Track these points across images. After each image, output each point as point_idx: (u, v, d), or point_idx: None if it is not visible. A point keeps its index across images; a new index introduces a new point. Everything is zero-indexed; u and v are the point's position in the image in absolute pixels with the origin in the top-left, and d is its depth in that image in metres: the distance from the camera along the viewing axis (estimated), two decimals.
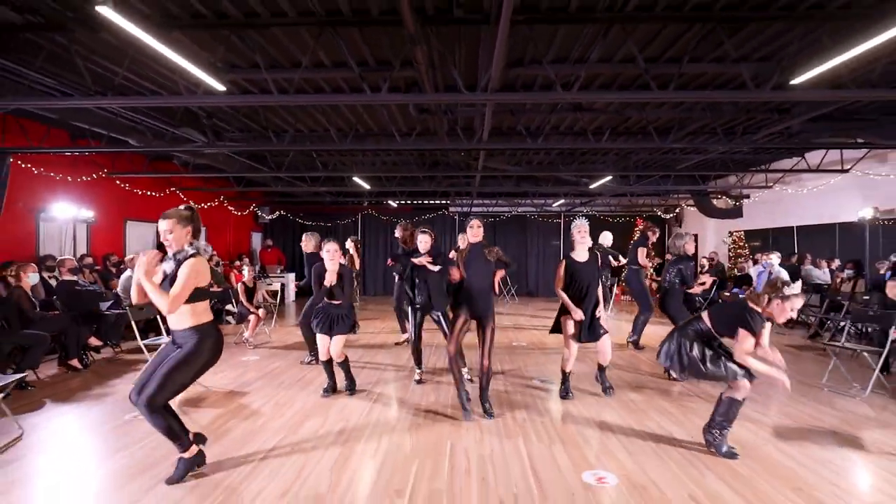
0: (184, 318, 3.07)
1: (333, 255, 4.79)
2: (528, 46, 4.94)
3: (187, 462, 3.16)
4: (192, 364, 3.06)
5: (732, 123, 7.25)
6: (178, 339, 3.12)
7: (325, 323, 4.87)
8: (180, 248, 3.08)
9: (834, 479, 3.25)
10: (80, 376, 5.85)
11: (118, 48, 4.58)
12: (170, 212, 3.13)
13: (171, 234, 3.06)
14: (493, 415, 4.30)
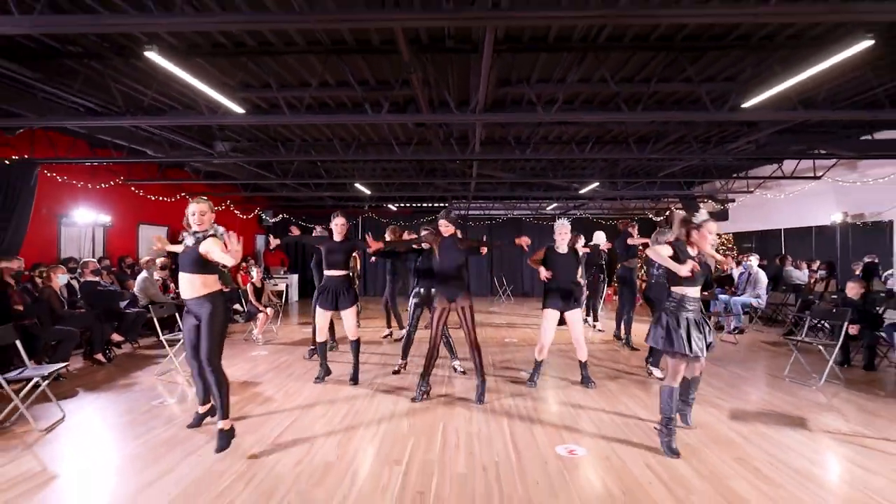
0: (197, 287, 3.68)
1: (341, 228, 5.28)
2: (513, 69, 5.46)
3: (228, 433, 3.75)
4: (217, 323, 3.69)
5: (706, 135, 7.78)
6: (194, 308, 3.71)
7: (328, 298, 5.29)
8: (204, 229, 3.71)
9: (772, 451, 3.77)
10: (104, 369, 6.38)
11: (147, 73, 5.11)
12: (202, 198, 3.85)
13: (204, 216, 3.73)
14: (481, 400, 4.80)
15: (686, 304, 3.70)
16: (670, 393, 3.72)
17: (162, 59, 3.67)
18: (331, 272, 5.35)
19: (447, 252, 4.82)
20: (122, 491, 3.14)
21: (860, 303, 6.40)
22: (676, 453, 3.63)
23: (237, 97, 5.43)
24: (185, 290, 3.71)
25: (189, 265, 3.68)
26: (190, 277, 3.69)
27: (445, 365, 6.29)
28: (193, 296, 3.69)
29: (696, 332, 3.64)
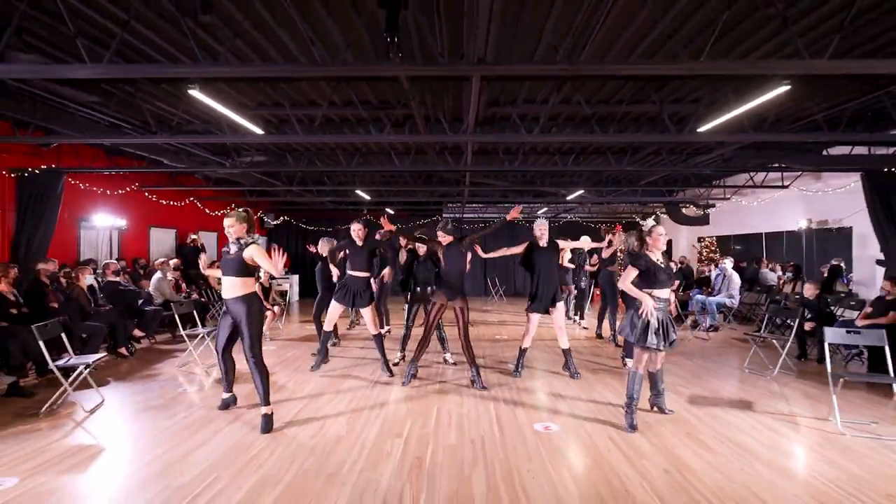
0: (237, 289, 4.27)
1: (359, 233, 5.92)
2: (501, 93, 6.11)
3: (271, 417, 4.35)
4: (254, 320, 4.30)
5: (678, 148, 8.47)
6: (232, 307, 4.29)
7: (346, 296, 5.93)
8: (239, 237, 4.29)
9: (719, 428, 4.42)
10: (127, 362, 6.98)
11: (175, 95, 5.71)
12: (231, 213, 4.40)
13: (232, 228, 4.31)
14: (485, 387, 5.44)
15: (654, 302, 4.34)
16: (634, 377, 4.38)
17: (202, 95, 4.28)
18: (353, 273, 5.99)
19: (452, 258, 5.47)
20: (169, 457, 3.76)
21: (815, 302, 7.08)
22: (634, 428, 4.28)
23: (252, 115, 6.04)
24: (227, 291, 4.29)
25: (231, 270, 4.28)
26: (232, 280, 4.27)
27: (440, 357, 6.93)
28: (233, 296, 4.27)
29: (657, 327, 4.28)
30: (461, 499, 3.15)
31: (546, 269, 5.92)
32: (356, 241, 5.94)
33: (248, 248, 4.25)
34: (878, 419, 4.64)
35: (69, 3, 3.58)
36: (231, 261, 4.28)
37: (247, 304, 4.26)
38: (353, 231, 5.92)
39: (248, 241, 4.30)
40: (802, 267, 9.75)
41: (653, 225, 4.48)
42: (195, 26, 3.79)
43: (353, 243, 5.95)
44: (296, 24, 3.95)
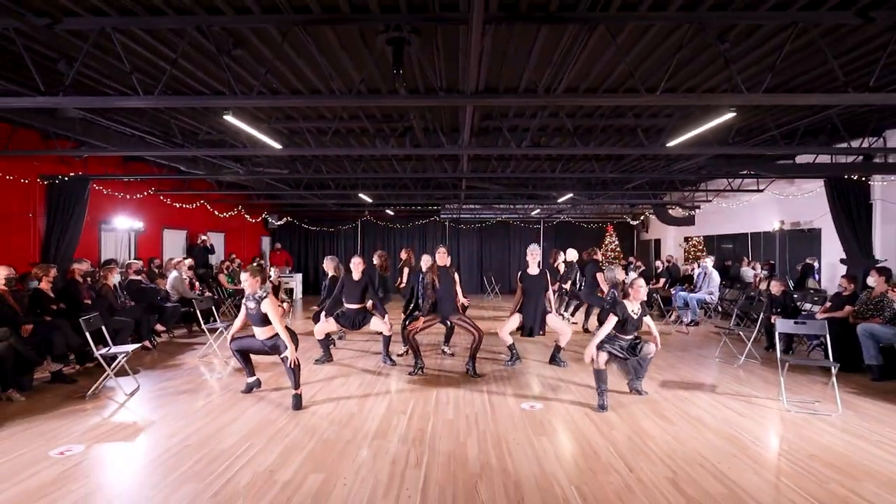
0: (268, 332, 5.06)
1: (357, 267, 6.59)
2: (494, 108, 6.76)
3: (299, 397, 5.02)
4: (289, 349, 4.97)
5: (658, 156, 9.14)
6: (268, 343, 5.08)
7: (347, 321, 6.65)
8: (254, 291, 5.01)
9: (682, 406, 5.08)
10: (150, 354, 7.60)
11: (200, 111, 6.34)
12: (247, 269, 5.17)
13: (247, 283, 5.06)
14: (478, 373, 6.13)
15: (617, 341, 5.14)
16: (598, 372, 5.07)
17: (235, 119, 4.91)
18: (349, 305, 6.66)
19: (444, 282, 6.21)
20: (206, 431, 4.39)
21: (781, 298, 7.76)
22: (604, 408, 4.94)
23: (267, 127, 6.65)
24: (259, 335, 5.09)
25: (259, 321, 5.05)
26: (262, 329, 5.07)
27: (437, 346, 7.60)
28: (265, 337, 5.08)
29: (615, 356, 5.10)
30: (457, 458, 3.80)
31: (532, 294, 6.50)
32: (355, 274, 6.56)
33: (263, 303, 4.96)
34: (821, 399, 5.31)
35: (124, 44, 4.20)
36: (255, 316, 5.05)
37: (280, 339, 5.01)
38: (353, 265, 6.58)
39: (261, 296, 5.00)
40: (777, 265, 10.43)
41: (634, 278, 5.20)
42: (230, 61, 4.41)
43: (350, 278, 6.59)
44: (315, 59, 4.59)
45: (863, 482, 3.43)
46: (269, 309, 4.92)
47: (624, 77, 5.31)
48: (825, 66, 4.85)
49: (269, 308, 4.92)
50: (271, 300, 4.96)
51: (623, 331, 5.07)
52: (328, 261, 7.82)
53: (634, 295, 5.06)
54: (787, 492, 3.29)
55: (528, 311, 6.52)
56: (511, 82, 5.47)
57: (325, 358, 6.86)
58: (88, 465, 3.69)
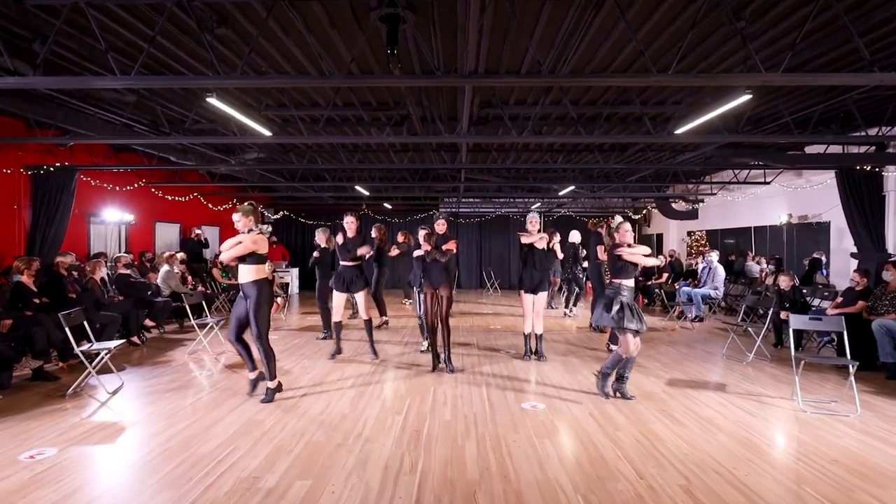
0: (249, 274, 4.69)
1: (352, 226, 6.34)
2: (493, 96, 6.48)
3: (272, 390, 4.78)
4: (262, 305, 4.68)
5: (663, 147, 8.85)
6: (246, 290, 4.71)
7: (342, 283, 6.37)
8: (246, 229, 4.68)
9: (691, 406, 4.84)
10: (139, 350, 7.36)
11: (187, 98, 6.06)
12: (239, 208, 4.81)
13: (239, 222, 4.74)
14: (453, 370, 5.86)
15: (622, 291, 4.80)
16: (617, 359, 4.85)
17: (219, 102, 4.64)
18: (345, 263, 6.41)
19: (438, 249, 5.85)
20: (190, 431, 4.15)
21: (790, 293, 7.51)
22: (607, 396, 4.84)
23: (258, 116, 6.38)
24: (241, 277, 4.74)
25: (242, 257, 4.70)
26: (244, 268, 4.72)
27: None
28: (245, 281, 4.71)
29: (629, 312, 4.72)
30: (454, 463, 3.56)
31: (537, 260, 6.33)
32: (349, 232, 6.36)
33: (247, 235, 4.65)
34: (837, 398, 5.07)
35: (100, 21, 3.93)
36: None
37: (257, 287, 4.67)
38: (346, 223, 6.33)
39: (250, 231, 4.70)
40: (784, 260, 10.18)
41: (619, 221, 5.02)
42: (213, 39, 4.15)
43: (345, 235, 6.37)
44: (304, 37, 4.31)
45: (890, 490, 3.19)
46: (246, 238, 4.59)
47: (633, 56, 5.02)
48: (849, 45, 4.57)
49: (246, 238, 4.59)
50: (252, 237, 4.62)
51: (623, 273, 4.86)
52: (320, 232, 7.63)
53: (621, 238, 4.92)
54: (811, 501, 3.05)
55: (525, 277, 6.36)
56: (513, 64, 5.20)
57: (337, 350, 6.65)
58: (59, 470, 3.45)
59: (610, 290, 4.84)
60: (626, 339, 4.77)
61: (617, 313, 4.73)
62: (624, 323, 4.69)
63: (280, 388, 4.85)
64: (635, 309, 4.80)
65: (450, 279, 5.94)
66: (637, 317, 4.75)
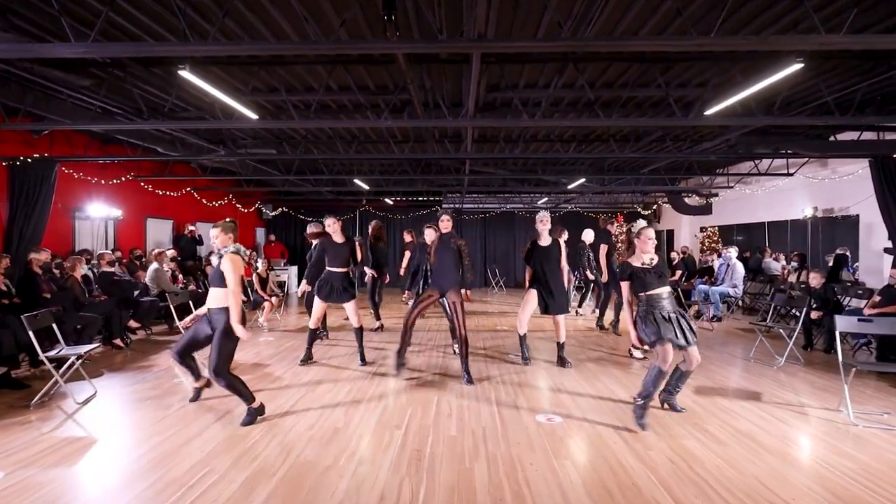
0: (220, 300, 4.09)
1: (335, 228, 5.83)
2: (502, 77, 5.95)
3: (253, 411, 4.19)
4: (230, 336, 4.07)
5: (683, 134, 8.29)
6: (214, 318, 4.11)
7: (327, 291, 5.84)
8: (223, 245, 4.17)
9: (727, 420, 4.31)
10: (122, 353, 6.87)
11: (166, 80, 5.56)
12: (218, 223, 4.27)
13: (217, 239, 4.20)
14: (472, 381, 5.23)
15: (655, 302, 4.14)
16: (658, 375, 4.09)
17: (193, 76, 4.12)
18: (332, 268, 5.89)
19: (443, 250, 5.29)
20: (162, 449, 3.65)
21: (821, 291, 6.95)
22: (644, 427, 4.05)
23: (247, 101, 5.88)
24: (210, 301, 4.15)
25: (215, 280, 4.15)
26: (214, 291, 4.14)
27: (442, 346, 6.84)
28: (217, 306, 4.12)
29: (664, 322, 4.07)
30: (462, 491, 3.04)
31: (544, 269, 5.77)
32: (335, 237, 5.85)
33: (224, 259, 4.09)
34: (889, 410, 4.53)
35: None
36: (214, 271, 4.17)
37: (226, 317, 4.05)
38: (327, 226, 5.80)
39: (226, 251, 4.15)
40: (808, 256, 9.61)
41: (642, 227, 4.40)
42: (184, 5, 3.63)
43: (332, 241, 5.85)
44: (288, 2, 3.79)
45: None
46: (228, 266, 4.02)
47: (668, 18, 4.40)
48: None
49: (228, 266, 4.02)
50: (233, 259, 4.07)
51: (647, 285, 4.15)
52: (311, 227, 7.07)
53: (641, 247, 4.26)
54: None
55: (542, 285, 5.80)
56: (527, 30, 4.59)
57: (307, 356, 6.11)
58: (2, 499, 2.95)
59: (641, 307, 4.21)
60: (664, 349, 4.09)
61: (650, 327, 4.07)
62: (661, 332, 4.04)
63: (262, 409, 4.27)
64: (679, 319, 4.12)
65: (461, 281, 5.31)
66: (678, 327, 4.07)
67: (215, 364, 4.04)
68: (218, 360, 4.04)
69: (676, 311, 4.19)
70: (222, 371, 4.07)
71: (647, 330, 4.12)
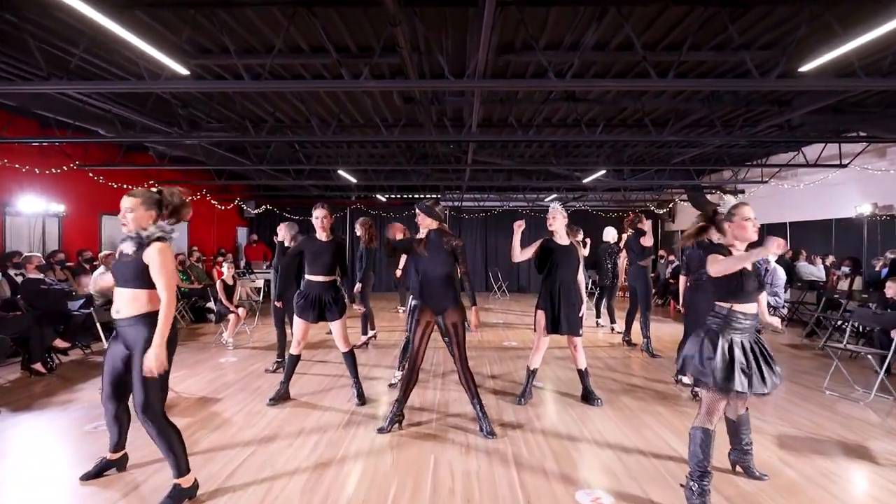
0: (133, 304, 2.75)
1: (323, 223, 4.45)
2: (518, 31, 4.64)
3: (181, 493, 2.83)
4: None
5: (731, 115, 6.99)
6: (127, 334, 2.78)
7: (310, 308, 4.44)
8: (140, 228, 2.80)
9: (839, 494, 3.03)
10: (43, 381, 5.52)
11: (74, 28, 4.22)
12: (135, 191, 2.89)
13: (131, 213, 2.80)
14: (494, 432, 3.87)
15: (734, 322, 2.79)
16: (705, 438, 2.80)
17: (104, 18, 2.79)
18: (314, 277, 4.50)
19: (432, 252, 3.90)
20: None
21: None
22: None
23: (193, 65, 4.56)
24: (121, 308, 2.78)
25: (126, 277, 2.77)
26: (127, 294, 2.77)
27: (440, 374, 5.53)
28: (127, 315, 2.77)
29: (742, 359, 2.75)
30: None
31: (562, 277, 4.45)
32: (319, 233, 4.46)
33: (150, 246, 2.77)
34: None
35: None
36: (125, 265, 2.79)
37: (147, 330, 2.74)
38: (315, 219, 4.44)
39: (151, 236, 2.80)
40: (862, 260, 8.34)
41: (736, 204, 2.93)
42: None
43: (314, 238, 4.48)
44: None
45: None
46: (156, 258, 2.72)
47: None
48: None
49: (156, 258, 2.72)
50: (163, 250, 2.76)
51: (742, 294, 2.76)
52: (284, 227, 5.65)
53: (739, 233, 2.83)
54: None
55: (555, 297, 4.44)
56: None
57: (283, 392, 4.75)
58: None
59: (715, 321, 2.86)
60: (714, 400, 2.81)
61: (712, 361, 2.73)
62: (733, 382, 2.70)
63: (195, 487, 2.92)
64: (757, 353, 2.82)
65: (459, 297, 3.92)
66: (757, 369, 2.76)
67: (142, 399, 2.73)
68: (144, 393, 2.73)
69: (758, 341, 2.88)
70: (156, 407, 2.78)
71: (705, 360, 2.76)
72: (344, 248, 4.65)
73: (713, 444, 2.83)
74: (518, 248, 4.53)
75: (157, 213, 2.88)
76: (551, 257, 4.49)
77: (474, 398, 3.97)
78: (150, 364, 2.64)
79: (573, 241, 4.58)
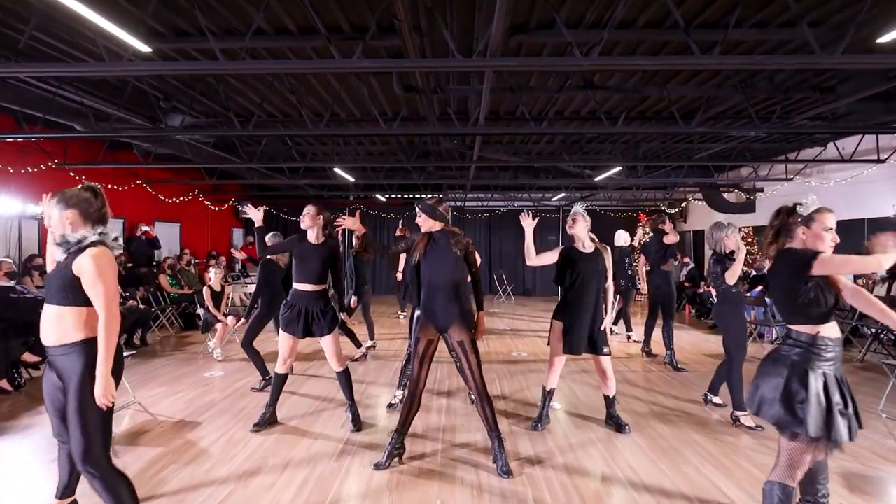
0: (68, 329, 2.20)
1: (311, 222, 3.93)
2: (534, 6, 4.08)
3: None
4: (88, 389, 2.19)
5: (767, 104, 6.37)
6: (60, 365, 2.23)
7: (297, 321, 3.91)
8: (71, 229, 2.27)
9: None
10: (8, 400, 5.01)
11: (24, 3, 3.67)
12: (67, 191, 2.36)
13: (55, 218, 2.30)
14: (510, 472, 3.29)
15: (822, 350, 2.21)
16: (784, 498, 2.23)
17: None
18: (302, 286, 3.95)
19: (436, 256, 3.35)
20: None
21: None
22: None
23: (168, 48, 4.00)
24: (48, 333, 2.24)
25: (56, 292, 2.23)
26: (57, 312, 2.22)
27: (445, 393, 4.96)
28: (59, 343, 2.22)
29: (839, 399, 2.17)
30: None
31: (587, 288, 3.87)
32: (309, 235, 3.93)
33: (83, 257, 2.21)
34: None
35: None
36: (55, 277, 2.26)
37: (84, 360, 2.20)
38: (304, 218, 3.91)
39: (84, 241, 2.26)
40: None
41: (819, 208, 2.33)
42: None
43: (304, 239, 3.93)
44: None
45: None
46: (90, 267, 2.17)
47: None
48: None
49: (91, 267, 2.17)
50: (98, 256, 2.20)
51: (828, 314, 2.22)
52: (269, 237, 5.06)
53: (815, 241, 2.28)
54: None
55: (575, 314, 3.87)
56: None
57: (269, 417, 4.20)
58: None
59: (795, 351, 2.25)
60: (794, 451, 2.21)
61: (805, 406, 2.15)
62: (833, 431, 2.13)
63: None
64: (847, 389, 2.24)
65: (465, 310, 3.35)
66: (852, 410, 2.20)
67: (81, 447, 2.19)
68: (84, 439, 2.19)
69: (842, 374, 2.29)
70: (95, 458, 2.21)
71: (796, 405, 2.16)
72: (337, 254, 4.09)
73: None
74: (532, 250, 3.96)
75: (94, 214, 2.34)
76: (573, 268, 3.89)
77: (492, 431, 3.39)
78: (99, 401, 2.15)
79: (598, 246, 3.99)
